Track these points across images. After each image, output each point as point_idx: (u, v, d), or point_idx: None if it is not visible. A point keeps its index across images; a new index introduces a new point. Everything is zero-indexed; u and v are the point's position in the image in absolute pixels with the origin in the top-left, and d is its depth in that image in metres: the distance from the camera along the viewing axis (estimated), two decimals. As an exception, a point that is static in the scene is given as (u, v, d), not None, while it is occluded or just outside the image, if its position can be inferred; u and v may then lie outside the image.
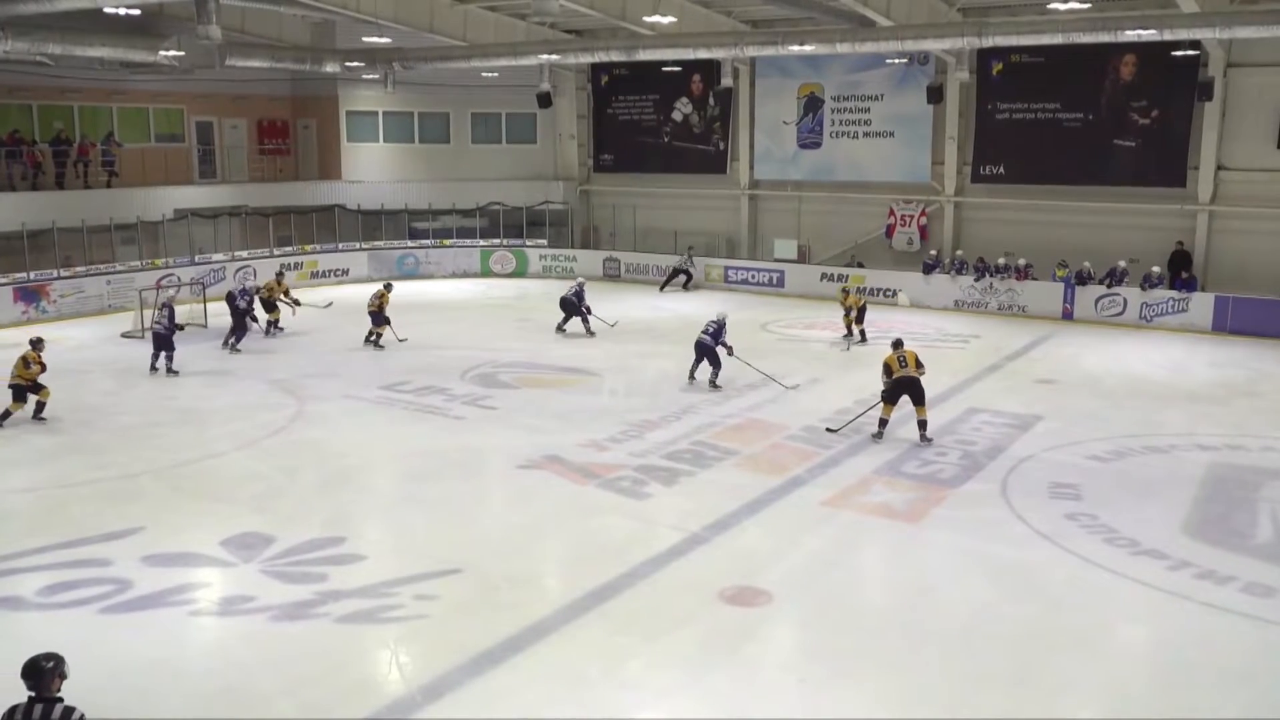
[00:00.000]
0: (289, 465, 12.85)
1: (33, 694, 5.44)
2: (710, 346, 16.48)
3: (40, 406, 14.50)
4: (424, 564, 9.77)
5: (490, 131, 31.33)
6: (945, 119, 25.47)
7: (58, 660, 5.52)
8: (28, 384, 14.32)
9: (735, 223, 29.10)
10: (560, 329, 21.06)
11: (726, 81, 24.23)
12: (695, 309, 23.19)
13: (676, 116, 29.82)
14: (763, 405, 15.53)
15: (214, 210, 26.78)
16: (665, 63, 27.29)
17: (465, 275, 29.36)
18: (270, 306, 20.85)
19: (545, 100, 26.20)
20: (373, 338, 19.69)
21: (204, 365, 18.20)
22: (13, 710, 5.40)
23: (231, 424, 14.63)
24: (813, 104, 27.61)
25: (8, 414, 14.16)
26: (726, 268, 27.67)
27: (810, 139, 27.77)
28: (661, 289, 27.15)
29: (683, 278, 27.28)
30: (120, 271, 23.92)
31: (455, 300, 25.86)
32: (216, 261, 25.83)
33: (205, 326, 20.73)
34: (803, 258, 27.42)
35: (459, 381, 17.00)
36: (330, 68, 26.19)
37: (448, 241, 29.87)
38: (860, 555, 10.42)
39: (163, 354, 17.23)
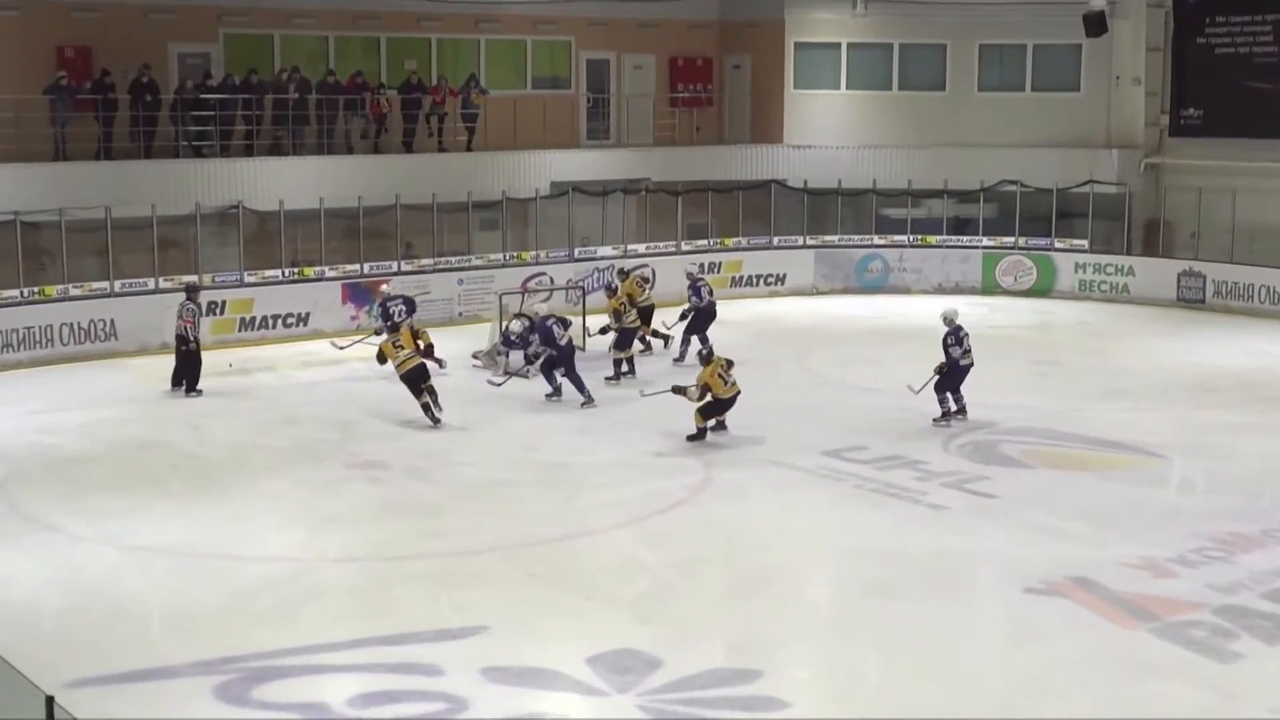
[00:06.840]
0: (686, 557, 13.41)
1: None
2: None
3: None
4: (875, 723, 9.84)
5: (1009, 73, 31.24)
6: None
7: None
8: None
9: None
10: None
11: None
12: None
13: (1314, 48, 28.29)
14: None
15: (604, 185, 28.54)
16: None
17: (957, 290, 29.31)
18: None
19: (1097, 24, 25.79)
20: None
21: (577, 406, 19.49)
22: None
23: (610, 490, 15.59)
24: None
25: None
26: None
27: None
28: None
29: None
30: (477, 267, 26.19)
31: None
32: (603, 258, 27.49)
33: (584, 350, 22.07)
34: None
35: (941, 452, 17.06)
36: (776, -20, 27.28)
37: (933, 239, 30.16)
38: None
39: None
